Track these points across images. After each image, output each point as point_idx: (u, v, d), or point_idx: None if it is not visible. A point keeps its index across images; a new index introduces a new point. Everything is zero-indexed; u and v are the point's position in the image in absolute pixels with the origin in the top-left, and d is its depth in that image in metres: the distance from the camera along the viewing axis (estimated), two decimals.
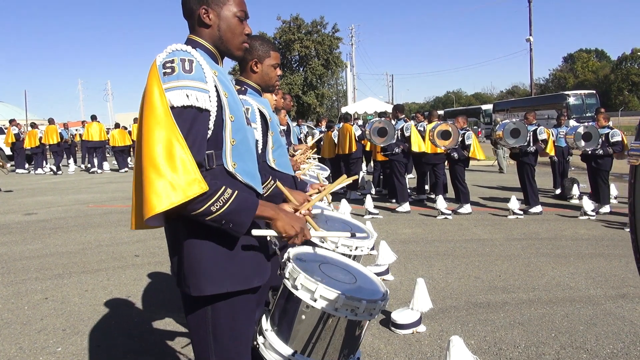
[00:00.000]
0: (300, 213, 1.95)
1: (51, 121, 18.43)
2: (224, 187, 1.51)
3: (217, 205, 1.47)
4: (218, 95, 1.58)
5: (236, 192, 1.53)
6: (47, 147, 18.29)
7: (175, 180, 1.40)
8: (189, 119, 1.49)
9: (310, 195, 2.34)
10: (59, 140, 18.09)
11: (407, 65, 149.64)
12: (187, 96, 1.48)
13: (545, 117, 29.35)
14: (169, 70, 1.51)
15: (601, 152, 8.02)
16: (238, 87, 2.42)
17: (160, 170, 1.40)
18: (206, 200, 1.46)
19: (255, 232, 1.60)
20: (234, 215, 1.51)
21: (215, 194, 1.48)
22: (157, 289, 4.70)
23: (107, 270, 5.32)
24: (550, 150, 8.92)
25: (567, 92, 34.41)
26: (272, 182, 2.33)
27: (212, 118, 1.55)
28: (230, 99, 1.63)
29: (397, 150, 8.60)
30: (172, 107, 1.48)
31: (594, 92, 34.23)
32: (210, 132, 1.56)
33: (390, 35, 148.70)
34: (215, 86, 1.58)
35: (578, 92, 34.08)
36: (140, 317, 4.03)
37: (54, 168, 17.73)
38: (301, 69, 39.80)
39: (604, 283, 4.67)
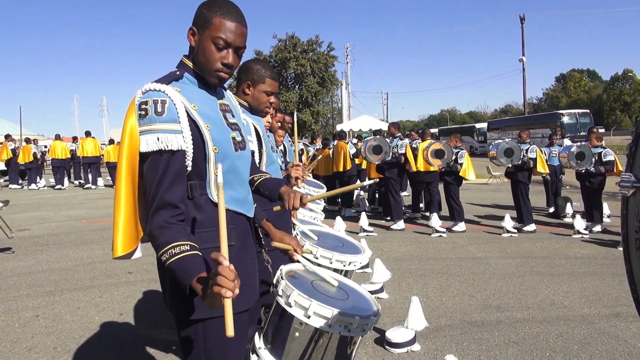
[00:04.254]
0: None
1: (57, 137, 18.39)
2: (179, 243, 1.46)
3: (165, 257, 1.47)
4: (198, 131, 1.59)
5: (188, 253, 1.45)
6: (49, 162, 18.31)
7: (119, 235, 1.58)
8: (162, 163, 1.52)
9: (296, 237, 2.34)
10: (67, 156, 18.07)
11: (402, 83, 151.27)
12: (158, 139, 1.52)
13: (539, 135, 29.59)
14: (143, 113, 1.54)
15: (593, 170, 8.09)
16: None
17: (116, 223, 1.57)
18: (159, 247, 1.49)
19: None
20: (175, 272, 1.46)
21: (167, 244, 1.46)
22: (150, 307, 4.66)
23: (100, 287, 5.27)
24: (544, 168, 8.98)
25: (561, 111, 34.60)
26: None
27: (189, 155, 1.57)
28: (213, 130, 1.63)
29: (388, 158, 8.62)
30: (145, 152, 1.53)
31: (588, 111, 34.47)
32: (189, 167, 1.58)
33: (386, 54, 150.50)
34: (195, 122, 1.59)
35: (572, 111, 34.32)
36: (133, 335, 3.99)
37: (66, 183, 17.93)
38: (297, 86, 40.05)
39: (597, 302, 4.68)
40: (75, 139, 20.15)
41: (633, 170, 1.17)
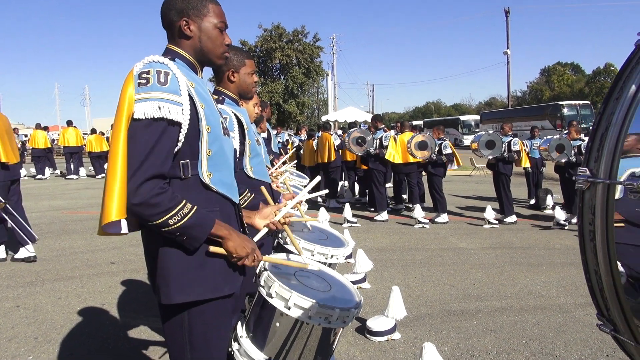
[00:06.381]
0: (275, 221, 2.01)
1: (38, 126, 18.04)
2: (184, 202, 1.54)
3: (175, 219, 1.51)
4: (194, 107, 1.61)
5: (195, 208, 1.56)
6: (30, 151, 18.00)
7: (113, 203, 1.51)
8: (158, 132, 1.52)
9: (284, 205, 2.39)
10: (47, 145, 17.77)
11: (387, 75, 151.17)
12: (159, 108, 1.51)
13: (537, 128, 28.55)
14: (143, 81, 1.54)
15: (575, 159, 8.24)
16: (216, 97, 2.45)
17: (111, 189, 1.51)
18: (165, 213, 1.50)
19: (212, 248, 1.62)
20: (190, 229, 1.54)
21: (175, 207, 1.51)
22: (133, 297, 4.65)
23: (82, 278, 5.24)
24: (525, 162, 9.11)
25: (561, 103, 33.05)
26: (250, 194, 2.37)
27: (184, 130, 1.57)
28: (207, 110, 1.65)
29: (371, 151, 8.68)
30: (141, 119, 1.51)
31: (589, 102, 33.30)
32: (181, 144, 1.58)
33: (372, 45, 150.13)
34: (192, 98, 1.60)
35: (573, 102, 32.97)
36: (115, 325, 3.98)
37: (48, 173, 17.62)
38: (282, 77, 39.87)
39: (574, 291, 4.80)
40: (42, 127, 19.74)
41: (589, 165, 1.23)
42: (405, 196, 10.42)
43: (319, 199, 11.08)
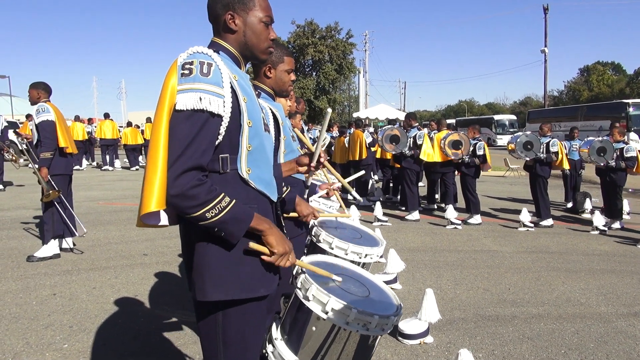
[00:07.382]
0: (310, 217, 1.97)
1: (77, 118, 18.56)
2: (222, 195, 1.50)
3: (212, 213, 1.48)
4: (236, 100, 1.58)
5: (233, 202, 1.52)
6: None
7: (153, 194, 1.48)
8: (199, 123, 1.49)
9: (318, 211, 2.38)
10: (84, 137, 18.23)
11: (420, 72, 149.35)
12: (200, 99, 1.49)
13: (597, 128, 26.22)
14: (186, 72, 1.52)
15: (614, 164, 7.91)
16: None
17: (151, 179, 1.48)
18: (202, 206, 1.47)
19: (252, 245, 1.58)
20: (228, 224, 1.51)
21: (212, 200, 1.48)
22: (165, 289, 4.70)
23: (116, 268, 5.34)
24: (564, 163, 8.79)
25: (626, 101, 29.36)
26: (286, 187, 2.36)
27: (225, 123, 1.54)
28: (249, 104, 1.62)
29: (406, 152, 8.52)
30: (182, 110, 1.49)
31: None
32: (221, 137, 1.55)
33: (404, 42, 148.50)
34: (234, 91, 1.57)
35: (639, 100, 29.50)
36: (147, 316, 4.03)
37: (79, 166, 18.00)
38: (314, 73, 39.90)
39: (615, 300, 4.60)
40: (87, 119, 20.20)
41: None
42: (437, 196, 10.25)
43: (349, 197, 11.02)
